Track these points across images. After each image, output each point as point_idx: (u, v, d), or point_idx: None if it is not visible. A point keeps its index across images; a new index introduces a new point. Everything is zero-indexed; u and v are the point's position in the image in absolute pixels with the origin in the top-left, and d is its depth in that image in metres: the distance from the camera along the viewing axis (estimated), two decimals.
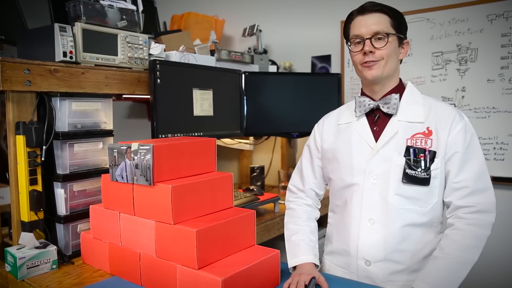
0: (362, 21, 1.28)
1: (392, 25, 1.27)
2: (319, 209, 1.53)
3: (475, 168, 1.24)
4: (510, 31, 2.20)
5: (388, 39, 1.26)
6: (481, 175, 1.24)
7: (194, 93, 1.92)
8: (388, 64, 1.28)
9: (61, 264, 1.39)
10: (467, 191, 1.23)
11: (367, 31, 1.26)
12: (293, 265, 1.32)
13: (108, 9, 1.63)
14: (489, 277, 2.31)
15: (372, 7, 1.28)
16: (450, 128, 1.25)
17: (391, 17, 1.28)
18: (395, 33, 1.27)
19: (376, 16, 1.27)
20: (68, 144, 1.46)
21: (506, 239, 2.26)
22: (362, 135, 1.33)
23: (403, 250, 1.27)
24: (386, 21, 1.27)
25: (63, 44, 1.45)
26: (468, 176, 1.23)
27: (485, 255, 2.32)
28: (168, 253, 1.13)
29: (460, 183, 1.24)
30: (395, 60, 1.30)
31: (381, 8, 1.27)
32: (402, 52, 1.33)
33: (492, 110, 2.28)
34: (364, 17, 1.28)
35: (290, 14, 2.95)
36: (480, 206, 1.22)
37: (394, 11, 1.29)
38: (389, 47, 1.26)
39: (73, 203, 1.48)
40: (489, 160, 2.27)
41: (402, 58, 1.34)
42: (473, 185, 1.23)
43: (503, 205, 2.24)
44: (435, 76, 2.44)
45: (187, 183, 1.15)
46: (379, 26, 1.26)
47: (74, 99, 1.47)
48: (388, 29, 1.26)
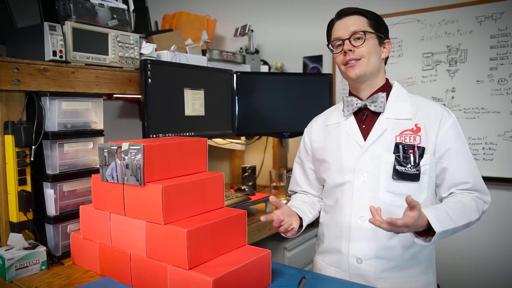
0: (340, 24, 1.33)
1: (370, 25, 1.31)
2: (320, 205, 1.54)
3: (471, 164, 1.29)
4: (498, 33, 2.23)
5: (366, 37, 1.29)
6: (476, 171, 1.30)
7: (186, 93, 1.92)
8: (370, 61, 1.30)
9: (50, 265, 1.38)
10: (467, 186, 1.28)
11: (345, 32, 1.31)
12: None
13: (99, 8, 1.62)
14: (480, 276, 2.33)
15: (348, 10, 1.33)
16: (439, 125, 1.28)
17: (367, 18, 1.32)
18: (373, 31, 1.31)
19: (352, 18, 1.32)
20: (58, 144, 1.44)
21: (496, 237, 2.28)
22: (351, 134, 1.35)
23: (394, 247, 1.29)
24: (363, 22, 1.31)
25: (52, 43, 1.44)
26: (467, 172, 1.28)
27: (477, 252, 2.35)
28: (159, 253, 1.13)
29: (461, 179, 1.28)
30: (377, 58, 1.32)
31: (357, 10, 1.33)
32: (384, 51, 1.36)
33: (481, 110, 2.30)
34: (342, 20, 1.33)
35: (282, 14, 2.95)
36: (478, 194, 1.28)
37: (370, 13, 1.34)
38: (368, 44, 1.29)
39: (63, 204, 1.46)
40: (478, 160, 2.29)
41: (385, 57, 1.37)
42: (473, 180, 1.28)
43: (492, 204, 2.25)
44: (425, 77, 2.46)
45: (178, 183, 1.15)
46: (356, 26, 1.30)
47: (64, 98, 1.46)
48: (365, 28, 1.30)
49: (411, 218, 1.07)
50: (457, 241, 2.32)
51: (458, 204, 1.23)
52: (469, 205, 1.23)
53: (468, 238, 2.28)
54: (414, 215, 1.08)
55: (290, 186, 1.62)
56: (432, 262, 1.37)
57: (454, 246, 2.35)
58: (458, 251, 2.36)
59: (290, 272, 1.27)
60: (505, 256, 2.26)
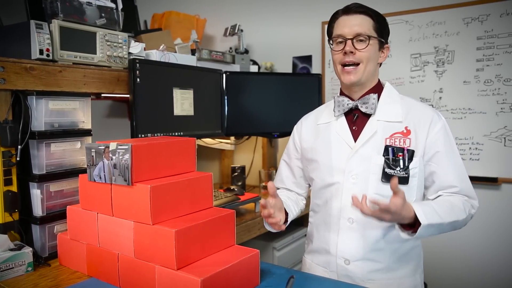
0: (346, 21, 1.29)
1: (375, 29, 1.29)
2: (303, 203, 1.54)
3: (459, 168, 1.29)
4: (484, 34, 2.26)
5: (370, 42, 1.27)
6: (464, 174, 1.30)
7: (175, 92, 1.91)
8: (367, 68, 1.29)
9: (36, 266, 1.36)
10: (455, 190, 1.28)
11: (350, 31, 1.27)
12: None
13: (87, 7, 1.60)
14: (467, 274, 2.36)
15: (357, 8, 1.29)
16: (429, 128, 1.28)
17: (374, 21, 1.29)
18: (376, 37, 1.29)
19: (359, 18, 1.28)
20: (45, 144, 1.43)
21: (482, 236, 2.31)
22: (341, 135, 1.35)
23: (382, 249, 1.29)
24: (369, 24, 1.28)
25: (39, 42, 1.42)
26: (455, 176, 1.28)
27: (464, 252, 2.38)
28: (147, 253, 1.12)
29: (448, 182, 1.27)
30: (374, 63, 1.31)
31: (365, 11, 1.29)
32: (382, 56, 1.34)
33: (468, 111, 2.33)
34: (349, 17, 1.29)
35: (272, 14, 2.96)
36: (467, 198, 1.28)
37: (378, 15, 1.31)
38: (369, 50, 1.27)
39: (50, 204, 1.45)
40: (465, 160, 2.32)
41: (381, 62, 1.36)
42: (460, 184, 1.27)
43: (479, 204, 2.29)
44: (413, 77, 2.48)
45: (166, 183, 1.15)
46: (362, 28, 1.27)
47: (51, 97, 1.44)
48: (370, 32, 1.28)
49: (393, 205, 1.07)
50: (444, 240, 2.35)
51: (446, 202, 1.24)
52: (457, 205, 1.23)
53: (455, 237, 2.31)
54: (397, 202, 1.07)
55: (275, 182, 1.58)
56: (419, 263, 1.38)
57: (442, 245, 2.38)
58: (445, 251, 2.39)
59: (279, 272, 1.28)
60: (492, 255, 2.30)
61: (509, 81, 2.21)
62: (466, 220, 1.25)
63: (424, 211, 1.14)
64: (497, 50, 2.23)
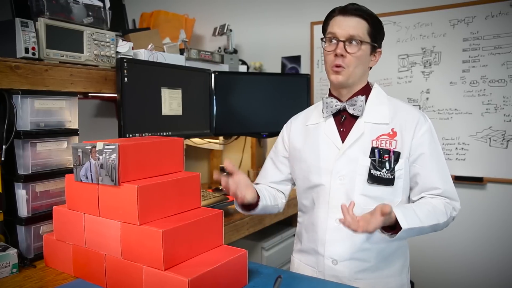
0: (342, 21, 1.28)
1: (369, 33, 1.28)
2: (283, 202, 1.52)
3: (442, 170, 1.30)
4: (470, 36, 2.29)
5: (361, 46, 1.27)
6: (448, 177, 1.30)
7: (163, 92, 1.90)
8: (356, 71, 1.29)
9: (22, 267, 1.34)
10: (438, 191, 1.28)
11: (343, 33, 1.27)
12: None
13: (73, 5, 1.58)
14: (453, 272, 2.39)
15: (354, 10, 1.28)
16: (415, 130, 1.29)
17: (369, 25, 1.28)
18: (369, 42, 1.29)
19: (355, 20, 1.27)
20: (30, 144, 1.41)
21: (468, 235, 2.35)
22: (329, 136, 1.35)
23: (369, 249, 1.30)
24: (364, 28, 1.28)
25: (25, 40, 1.40)
26: (438, 178, 1.28)
27: (450, 250, 2.41)
28: (134, 254, 1.11)
29: (431, 184, 1.28)
30: (364, 67, 1.32)
31: (362, 14, 1.28)
32: (373, 60, 1.35)
33: (454, 111, 2.36)
34: (345, 18, 1.28)
35: (261, 14, 2.96)
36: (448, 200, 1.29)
37: (374, 19, 1.30)
38: (360, 54, 1.28)
39: (36, 204, 1.43)
40: (452, 160, 2.35)
41: (372, 66, 1.36)
42: (443, 186, 1.28)
43: (465, 203, 2.31)
44: (401, 78, 2.51)
45: (154, 183, 1.14)
46: (356, 30, 1.26)
47: (37, 97, 1.42)
48: (363, 36, 1.27)
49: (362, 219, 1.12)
50: (430, 239, 2.38)
51: (427, 205, 1.24)
52: (438, 208, 1.25)
53: (441, 236, 2.34)
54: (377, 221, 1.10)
55: (258, 178, 1.58)
56: (406, 263, 1.40)
57: (428, 244, 2.41)
58: (431, 250, 2.42)
59: (267, 272, 1.28)
60: (477, 253, 2.33)
61: (494, 82, 2.25)
62: (447, 222, 1.26)
63: (405, 215, 1.15)
64: (482, 51, 2.27)
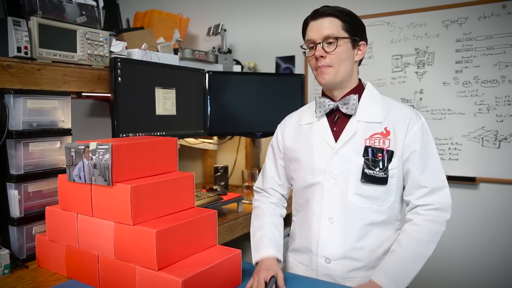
0: (314, 25, 1.30)
1: (344, 28, 1.29)
2: (285, 207, 1.54)
3: (432, 168, 1.29)
4: (463, 37, 2.31)
5: (338, 42, 1.27)
6: (438, 175, 1.30)
7: (157, 92, 1.89)
8: (341, 69, 1.29)
9: (14, 268, 1.33)
10: (425, 190, 1.28)
11: (318, 35, 1.28)
12: (255, 261, 1.33)
13: (67, 4, 1.58)
14: (444, 272, 2.41)
15: (323, 12, 1.29)
16: (408, 128, 1.29)
17: (342, 21, 1.29)
18: (347, 36, 1.29)
19: (327, 21, 1.28)
20: (23, 143, 1.40)
21: (459, 235, 2.36)
22: (323, 135, 1.35)
23: (362, 247, 1.31)
24: (338, 25, 1.28)
25: (17, 39, 1.39)
26: (427, 176, 1.28)
27: (442, 250, 2.42)
28: (128, 254, 1.11)
29: (419, 182, 1.28)
30: (348, 63, 1.31)
31: (332, 12, 1.29)
32: (359, 53, 1.34)
33: (447, 112, 2.38)
34: (317, 22, 1.30)
35: (255, 14, 2.96)
36: (438, 205, 1.28)
37: (346, 14, 1.30)
38: (339, 51, 1.28)
39: (28, 205, 1.42)
40: (445, 160, 2.37)
41: (358, 59, 1.35)
42: (431, 185, 1.28)
43: (458, 202, 2.34)
44: (394, 78, 2.52)
45: (147, 183, 1.14)
46: (330, 30, 1.27)
47: (29, 96, 1.41)
48: (338, 33, 1.27)
49: None
50: None
51: (413, 247, 1.24)
52: (424, 239, 1.25)
53: None
54: None
55: (258, 181, 1.57)
56: None
57: None
58: None
59: None
60: (470, 252, 2.34)
61: (487, 83, 2.26)
62: (435, 245, 1.27)
63: (393, 280, 1.20)
64: (475, 52, 2.28)
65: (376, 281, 1.20)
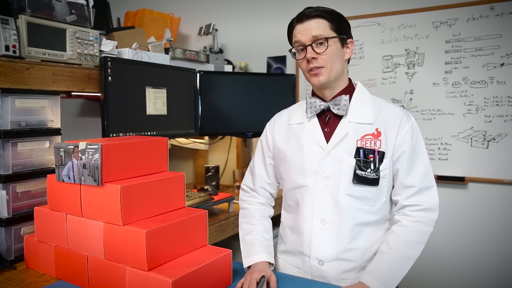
0: (301, 28, 1.30)
1: (332, 28, 1.29)
2: (272, 207, 1.53)
3: (421, 168, 1.30)
4: (453, 38, 2.33)
5: (328, 43, 1.27)
6: (427, 175, 1.30)
7: (147, 91, 1.89)
8: (334, 68, 1.29)
9: (2, 270, 1.32)
10: (413, 190, 1.29)
11: (307, 37, 1.28)
12: (247, 265, 1.32)
13: (56, 3, 1.56)
14: (435, 271, 2.43)
15: (309, 14, 1.29)
16: (398, 129, 1.29)
17: (329, 21, 1.29)
18: (335, 36, 1.29)
19: (314, 22, 1.28)
20: (11, 143, 1.38)
21: (449, 234, 2.38)
22: (314, 136, 1.35)
23: (355, 248, 1.31)
24: (325, 25, 1.28)
25: (5, 38, 1.38)
26: (414, 176, 1.29)
27: (432, 249, 2.44)
28: (117, 255, 1.10)
29: (407, 182, 1.29)
30: (340, 62, 1.31)
31: (318, 14, 1.29)
32: (348, 52, 1.34)
33: (437, 112, 2.40)
34: (303, 24, 1.30)
35: (247, 14, 2.96)
36: (425, 205, 1.28)
37: (331, 14, 1.31)
38: (330, 51, 1.28)
39: (16, 205, 1.41)
40: (434, 160, 2.39)
41: (348, 58, 1.35)
42: (419, 184, 1.28)
43: (447, 202, 2.37)
44: (385, 79, 2.53)
45: (137, 183, 1.13)
46: (318, 31, 1.27)
47: (17, 95, 1.40)
48: (327, 33, 1.27)
49: None
50: None
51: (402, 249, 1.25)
52: (413, 241, 1.26)
53: None
54: None
55: (246, 179, 1.55)
56: None
57: None
58: None
59: None
60: (459, 252, 2.37)
61: (475, 84, 2.29)
62: (422, 249, 1.29)
63: (382, 281, 1.21)
64: (464, 53, 2.30)
65: (365, 282, 1.21)
